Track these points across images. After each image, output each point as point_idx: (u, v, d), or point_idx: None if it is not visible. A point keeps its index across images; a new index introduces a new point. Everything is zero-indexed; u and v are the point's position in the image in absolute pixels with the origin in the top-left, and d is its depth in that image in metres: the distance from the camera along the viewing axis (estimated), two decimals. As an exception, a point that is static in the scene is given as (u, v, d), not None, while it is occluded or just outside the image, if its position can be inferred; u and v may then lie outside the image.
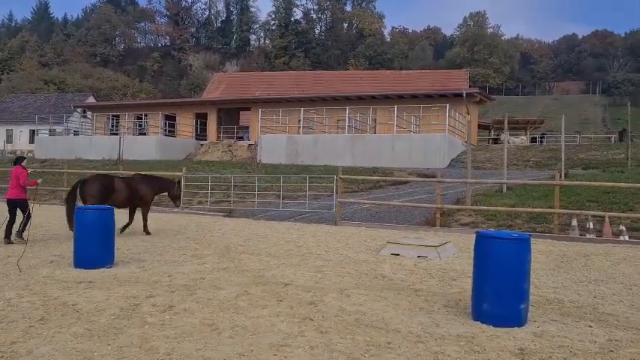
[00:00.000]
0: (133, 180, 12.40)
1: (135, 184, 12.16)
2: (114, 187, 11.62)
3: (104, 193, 11.37)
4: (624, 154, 24.41)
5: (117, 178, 12.23)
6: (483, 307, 5.41)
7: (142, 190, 12.12)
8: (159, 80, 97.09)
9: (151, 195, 12.43)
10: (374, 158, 27.99)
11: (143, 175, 12.97)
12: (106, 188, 11.49)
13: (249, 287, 6.83)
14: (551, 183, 14.51)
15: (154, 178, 12.93)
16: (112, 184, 11.66)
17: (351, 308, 5.91)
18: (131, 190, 11.95)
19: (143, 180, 12.44)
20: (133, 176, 12.90)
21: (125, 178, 12.77)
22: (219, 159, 34.94)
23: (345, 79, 53.18)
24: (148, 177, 12.84)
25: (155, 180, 12.80)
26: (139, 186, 12.15)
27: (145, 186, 12.25)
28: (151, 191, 12.40)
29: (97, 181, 11.63)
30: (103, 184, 11.55)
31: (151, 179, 12.68)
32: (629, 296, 6.83)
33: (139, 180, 12.40)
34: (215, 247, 10.30)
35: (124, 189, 11.80)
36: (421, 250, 9.71)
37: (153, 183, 12.55)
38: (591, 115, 73.90)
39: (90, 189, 11.31)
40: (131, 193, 11.92)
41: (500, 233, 5.51)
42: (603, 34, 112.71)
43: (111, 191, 11.53)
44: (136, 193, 12.02)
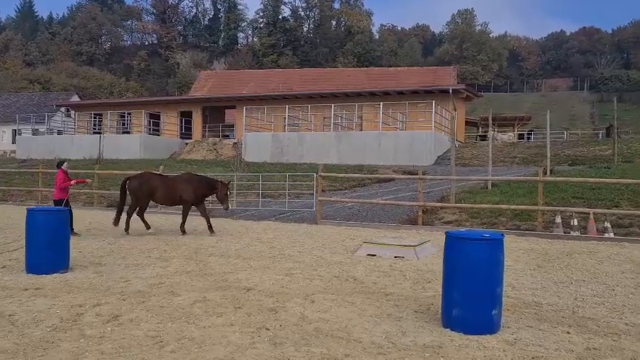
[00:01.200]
0: (177, 179, 12.32)
1: (177, 183, 12.04)
2: (155, 185, 11.81)
3: (145, 191, 11.75)
4: (611, 150, 24.19)
5: (160, 176, 12.48)
6: (453, 314, 5.01)
7: (182, 190, 11.87)
8: (146, 79, 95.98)
9: (191, 195, 11.92)
10: (360, 156, 27.63)
11: (191, 174, 12.84)
12: (146, 186, 11.78)
13: (209, 292, 6.39)
14: (534, 179, 14.18)
15: (199, 178, 12.45)
16: (153, 182, 11.87)
17: (314, 315, 5.49)
18: (172, 188, 11.90)
19: (187, 179, 12.19)
20: (181, 175, 12.86)
21: (170, 177, 12.79)
22: (204, 158, 34.41)
23: (332, 77, 52.77)
24: (194, 177, 12.48)
25: (200, 180, 12.30)
26: (181, 185, 11.95)
27: (187, 185, 11.94)
28: (193, 191, 11.91)
29: (138, 178, 12.09)
30: (143, 181, 11.88)
31: (194, 179, 12.26)
32: (611, 298, 6.47)
33: (182, 179, 12.22)
34: (185, 249, 9.85)
35: (165, 187, 11.89)
36: (398, 250, 9.31)
37: (195, 183, 12.07)
38: (579, 111, 73.94)
39: (131, 186, 11.89)
40: (172, 192, 11.88)
41: (471, 233, 5.11)
42: (591, 31, 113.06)
43: (152, 189, 11.79)
44: (177, 192, 11.87)
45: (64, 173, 11.62)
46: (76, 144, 35.75)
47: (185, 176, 12.54)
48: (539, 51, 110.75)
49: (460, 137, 36.39)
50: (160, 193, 11.88)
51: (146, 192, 11.82)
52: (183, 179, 12.25)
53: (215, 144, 37.04)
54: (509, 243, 11.08)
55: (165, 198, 12.06)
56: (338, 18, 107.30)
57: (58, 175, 11.58)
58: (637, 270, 8.28)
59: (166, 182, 12.11)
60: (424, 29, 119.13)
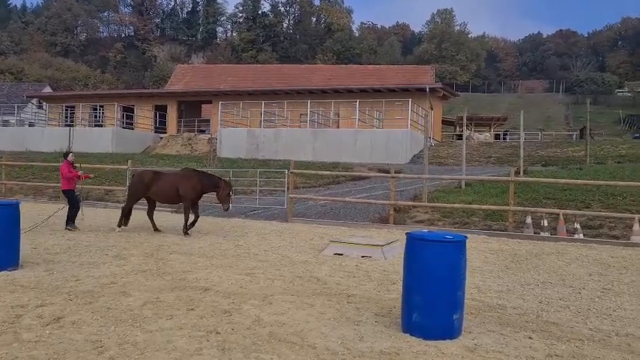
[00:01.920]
0: (176, 175, 11.69)
1: (176, 179, 11.42)
2: (149, 181, 11.37)
3: (140, 187, 11.41)
4: (584, 151, 24.39)
5: (160, 173, 11.93)
6: (413, 318, 4.81)
7: (182, 187, 11.20)
8: (122, 72, 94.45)
9: (191, 192, 11.20)
10: (335, 153, 27.44)
11: (190, 169, 12.05)
12: (142, 182, 11.40)
13: (163, 293, 6.10)
14: (505, 179, 14.14)
15: (199, 175, 11.62)
16: (151, 178, 11.43)
17: (269, 318, 5.24)
18: (171, 185, 11.29)
19: (185, 175, 11.51)
20: (180, 170, 12.24)
21: (169, 173, 12.16)
22: (178, 153, 33.87)
23: (311, 73, 52.46)
24: (193, 173, 11.68)
25: (200, 177, 11.50)
26: (180, 182, 11.27)
27: (187, 182, 11.23)
28: (192, 189, 11.19)
29: (137, 175, 11.95)
30: (141, 178, 11.59)
31: (193, 175, 11.50)
32: (577, 301, 6.35)
33: (181, 176, 11.55)
34: (146, 246, 9.51)
35: (163, 184, 11.35)
36: (366, 250, 9.12)
37: (195, 179, 11.33)
38: (554, 113, 74.96)
39: (132, 182, 11.85)
40: (169, 188, 11.29)
41: (432, 235, 4.92)
42: (567, 34, 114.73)
43: (148, 185, 11.33)
44: (176, 189, 11.22)
45: (70, 164, 11.58)
46: (46, 136, 34.82)
47: (184, 172, 11.87)
48: (517, 52, 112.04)
49: (437, 136, 36.46)
50: (154, 189, 11.31)
51: (140, 188, 11.40)
52: (181, 175, 11.63)
53: (190, 139, 36.50)
54: (480, 243, 11.00)
55: (161, 194, 11.45)
56: (318, 14, 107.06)
57: (63, 166, 11.60)
58: (604, 272, 8.21)
59: (162, 178, 11.52)
60: (404, 28, 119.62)
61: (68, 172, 11.43)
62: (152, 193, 11.42)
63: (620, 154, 25.49)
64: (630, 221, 11.94)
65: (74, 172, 11.59)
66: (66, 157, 11.82)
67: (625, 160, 23.67)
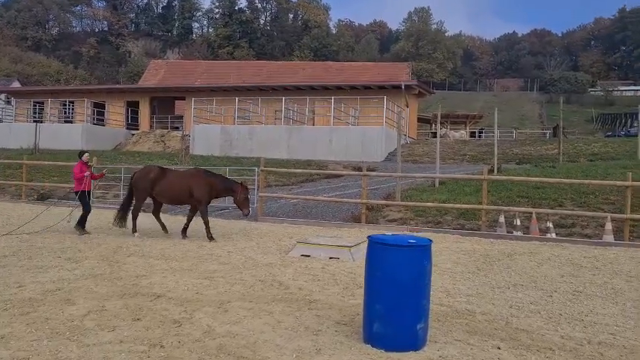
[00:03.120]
0: (187, 175, 10.81)
1: (188, 179, 10.54)
2: (157, 180, 10.50)
3: (146, 185, 10.55)
4: (557, 149, 24.46)
5: (167, 171, 11.00)
6: (374, 328, 4.48)
7: (194, 187, 10.32)
8: (95, 67, 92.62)
9: (206, 194, 10.38)
10: (311, 151, 27.13)
11: (200, 169, 11.13)
12: (146, 179, 10.57)
13: (111, 300, 5.67)
14: (478, 178, 13.95)
15: (215, 176, 10.76)
16: (156, 176, 10.56)
17: (222, 328, 4.87)
18: (181, 185, 10.42)
19: (199, 175, 10.56)
20: (190, 169, 11.43)
21: (179, 172, 11.34)
22: (151, 150, 33.18)
23: (287, 70, 51.97)
24: (204, 173, 10.77)
25: (215, 178, 10.62)
26: (192, 181, 10.41)
27: (202, 184, 10.35)
28: (206, 190, 10.34)
29: (142, 171, 10.98)
30: (146, 175, 10.71)
31: (204, 175, 10.62)
32: (548, 305, 6.10)
33: (194, 175, 10.66)
34: (104, 248, 9.03)
35: (171, 183, 10.48)
36: (333, 251, 8.78)
37: (210, 181, 10.43)
38: (529, 111, 75.72)
39: (134, 179, 10.81)
40: (181, 189, 10.41)
41: (395, 238, 4.60)
42: (541, 34, 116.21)
43: (153, 183, 10.50)
44: (187, 189, 10.36)
45: (83, 164, 10.94)
46: (14, 132, 33.83)
47: (194, 171, 11.01)
48: (492, 51, 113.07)
49: (413, 134, 36.36)
50: (158, 188, 10.46)
51: (145, 185, 10.55)
52: (191, 174, 10.77)
53: (163, 136, 35.80)
54: (452, 243, 10.77)
55: (168, 194, 10.58)
56: (295, 11, 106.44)
57: (76, 166, 11.00)
58: (576, 274, 8.01)
59: (169, 176, 10.64)
60: (381, 26, 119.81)
61: (79, 172, 10.78)
62: (156, 192, 10.57)
63: (592, 152, 25.65)
64: (602, 220, 11.84)
65: (84, 170, 10.86)
66: (81, 156, 11.13)
67: (597, 159, 23.80)
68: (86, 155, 11.21)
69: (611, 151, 25.28)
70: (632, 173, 12.48)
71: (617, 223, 11.93)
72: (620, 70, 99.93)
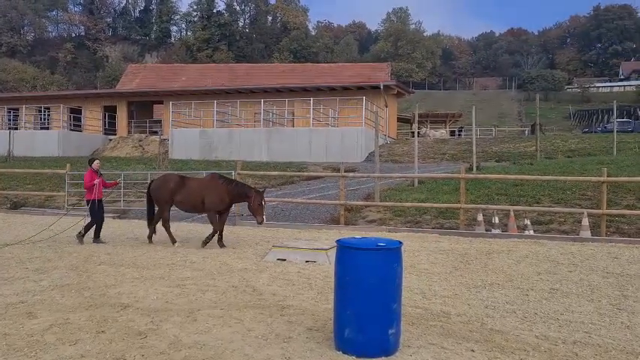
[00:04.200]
0: (202, 183, 10.48)
1: (202, 186, 10.28)
2: (175, 189, 10.32)
3: (166, 195, 10.37)
4: (535, 146, 24.63)
5: (185, 179, 10.73)
6: (345, 334, 4.36)
7: (208, 197, 10.05)
8: (73, 72, 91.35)
9: (218, 204, 10.07)
10: (290, 153, 26.99)
11: (217, 176, 10.60)
12: (167, 188, 10.37)
13: (75, 312, 5.47)
14: (456, 176, 13.95)
15: (229, 182, 10.29)
16: (177, 185, 10.34)
17: (189, 339, 4.71)
18: (196, 194, 10.16)
19: (213, 185, 10.21)
20: (206, 177, 10.98)
21: (197, 180, 11.00)
22: (129, 155, 32.77)
23: (266, 72, 51.74)
24: (219, 180, 10.32)
25: (228, 186, 10.15)
26: (206, 191, 10.12)
27: (214, 193, 10.05)
28: (219, 201, 10.05)
29: (160, 181, 10.78)
30: (165, 183, 10.51)
31: (222, 185, 10.15)
32: (524, 305, 6.04)
33: (208, 184, 10.30)
34: (74, 257, 8.80)
35: (188, 191, 10.27)
36: (310, 254, 8.66)
37: (222, 190, 10.05)
38: (507, 109, 76.40)
39: (152, 188, 10.66)
40: (196, 197, 10.15)
41: (364, 242, 4.48)
42: (518, 32, 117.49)
43: (173, 193, 10.31)
44: (200, 196, 10.11)
45: (94, 173, 10.61)
46: (-14, 140, 33.08)
47: (211, 179, 10.55)
48: (471, 50, 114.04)
49: (392, 134, 36.40)
50: (179, 197, 10.29)
51: (165, 194, 10.34)
52: (207, 183, 10.39)
53: (141, 140, 35.41)
54: (431, 243, 10.72)
55: (186, 203, 10.37)
56: (274, 13, 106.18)
57: (86, 174, 10.66)
58: (553, 271, 7.99)
59: (189, 184, 10.42)
60: (360, 26, 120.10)
61: (89, 180, 10.49)
62: (176, 202, 10.40)
63: (570, 148, 25.88)
64: (579, 216, 11.89)
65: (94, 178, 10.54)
66: (91, 164, 10.74)
67: (575, 155, 24.01)
68: (97, 162, 10.79)
69: (588, 147, 25.53)
70: (607, 169, 12.55)
71: (594, 218, 11.99)
72: (595, 67, 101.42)
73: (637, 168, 16.38)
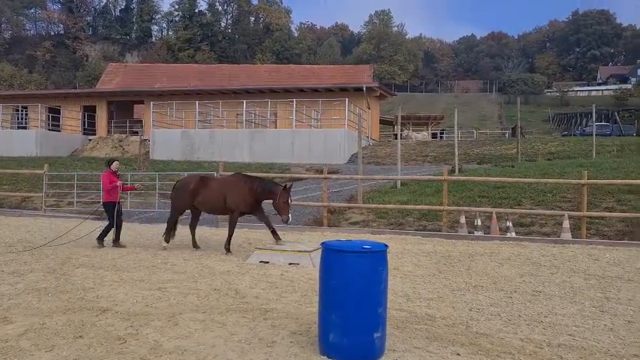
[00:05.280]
0: (224, 182, 9.98)
1: (224, 187, 9.74)
2: (195, 189, 9.82)
3: (185, 196, 9.91)
4: (516, 149, 24.85)
5: (206, 178, 10.26)
6: (330, 338, 4.29)
7: (230, 197, 9.53)
8: (51, 71, 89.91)
9: (241, 205, 9.53)
10: (273, 154, 26.89)
11: (243, 176, 10.02)
12: (186, 190, 9.90)
13: (52, 317, 5.32)
14: (439, 179, 13.99)
15: (250, 180, 9.70)
16: (197, 186, 9.83)
17: (170, 344, 4.60)
18: (218, 194, 9.66)
19: (236, 184, 9.68)
20: (229, 176, 10.41)
21: (219, 179, 10.49)
22: (109, 155, 32.29)
23: (249, 73, 51.51)
24: (247, 179, 9.74)
25: (252, 185, 9.55)
26: (228, 191, 9.61)
27: (236, 192, 9.52)
28: (242, 201, 9.49)
29: (181, 181, 10.40)
30: (185, 184, 10.07)
31: (246, 183, 9.59)
32: (508, 307, 6.04)
33: (230, 183, 9.79)
34: (51, 259, 8.60)
35: (209, 191, 9.76)
36: (293, 257, 8.58)
37: (245, 189, 9.49)
38: (488, 112, 77.13)
39: (174, 190, 10.26)
40: (218, 198, 9.65)
41: (349, 244, 4.43)
42: (499, 36, 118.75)
43: (193, 193, 9.82)
44: (222, 197, 9.60)
45: (112, 174, 10.23)
46: (-39, 140, 32.39)
47: (234, 178, 10.02)
48: (452, 53, 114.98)
49: (375, 136, 36.48)
50: (200, 198, 9.79)
51: (185, 197, 9.88)
52: (230, 182, 9.86)
53: (121, 141, 34.98)
54: (414, 245, 10.70)
55: (208, 204, 9.87)
56: (256, 14, 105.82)
57: (104, 175, 10.23)
58: (535, 273, 8.02)
59: (210, 184, 9.92)
60: (343, 28, 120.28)
61: (108, 182, 10.07)
62: (198, 202, 9.90)
63: (549, 151, 26.16)
64: (560, 218, 11.98)
65: (115, 181, 10.15)
66: (109, 165, 10.38)
67: (554, 157, 24.28)
68: (115, 164, 10.41)
69: (568, 150, 25.84)
70: (587, 171, 12.68)
71: (575, 220, 12.10)
72: (574, 71, 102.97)
73: (616, 171, 16.60)
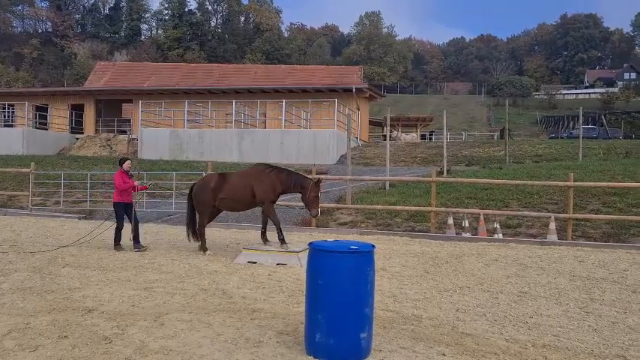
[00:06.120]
0: (247, 174, 9.50)
1: (249, 178, 9.25)
2: (216, 187, 9.34)
3: (207, 197, 9.41)
4: (504, 151, 25.02)
5: (225, 174, 9.79)
6: (316, 338, 4.30)
7: (258, 187, 9.05)
8: (39, 69, 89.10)
9: (269, 190, 9.04)
10: (262, 154, 26.83)
11: (265, 165, 9.56)
12: (207, 190, 9.40)
13: (37, 317, 5.28)
14: (427, 180, 14.05)
15: (278, 172, 9.23)
16: (217, 183, 9.36)
17: (156, 344, 4.58)
18: (243, 187, 9.16)
19: (261, 172, 9.23)
20: (253, 167, 9.86)
21: (238, 173, 10.01)
22: (96, 154, 32.09)
23: (238, 73, 51.37)
24: (271, 169, 9.30)
25: (279, 174, 9.15)
26: (255, 180, 9.13)
27: (264, 180, 9.05)
28: (269, 185, 9.03)
29: (199, 182, 9.88)
30: (205, 185, 9.55)
31: (271, 172, 9.17)
32: (494, 308, 6.08)
33: (255, 173, 9.33)
34: (37, 259, 8.52)
35: (234, 187, 9.26)
36: (281, 257, 8.58)
37: (272, 177, 9.06)
38: (477, 114, 77.56)
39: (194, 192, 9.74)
40: (244, 192, 9.16)
41: (337, 245, 4.44)
42: (488, 39, 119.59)
43: (214, 193, 9.34)
44: (250, 190, 9.10)
45: (124, 174, 9.85)
46: (-54, 138, 32.01)
47: (257, 168, 9.57)
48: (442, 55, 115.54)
49: (364, 137, 36.55)
50: (223, 195, 9.29)
51: (206, 197, 9.41)
52: (254, 172, 9.37)
53: (109, 140, 34.72)
54: (402, 246, 10.74)
55: (232, 201, 9.36)
56: (246, 14, 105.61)
57: (117, 175, 9.82)
58: (522, 274, 8.08)
59: (231, 180, 9.40)
60: (333, 29, 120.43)
61: (122, 182, 9.68)
62: (220, 200, 9.38)
63: (537, 153, 26.36)
64: (547, 220, 12.08)
65: (129, 182, 9.81)
66: (121, 164, 10.01)
67: (542, 160, 24.47)
68: (128, 163, 10.02)
69: (555, 153, 26.05)
70: (573, 174, 12.80)
71: (561, 222, 12.20)
72: (562, 74, 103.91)
73: (602, 173, 16.76)
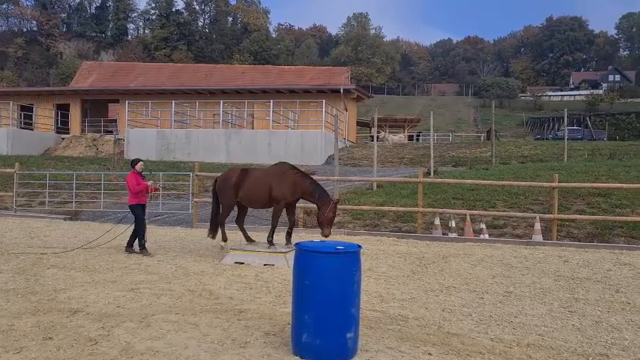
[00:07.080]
0: (268, 172, 9.31)
1: (269, 174, 9.12)
2: (238, 182, 9.18)
3: (229, 191, 9.24)
4: (490, 152, 25.20)
5: (248, 170, 9.62)
6: (303, 338, 4.31)
7: (276, 186, 8.84)
8: (24, 68, 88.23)
9: (287, 191, 8.82)
10: (250, 154, 26.81)
11: (289, 166, 9.16)
12: (229, 184, 9.24)
13: (22, 318, 5.23)
14: (414, 180, 14.11)
15: (304, 176, 9.01)
16: (239, 178, 9.21)
17: (142, 345, 4.56)
18: (263, 184, 8.98)
19: (281, 171, 8.99)
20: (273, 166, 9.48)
21: (263, 170, 9.82)
22: (82, 154, 31.84)
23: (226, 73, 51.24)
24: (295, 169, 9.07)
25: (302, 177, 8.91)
26: (273, 178, 8.95)
27: (283, 180, 8.83)
28: (288, 186, 8.80)
29: (223, 175, 9.81)
30: (227, 179, 9.41)
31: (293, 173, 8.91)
32: (479, 308, 6.13)
33: (275, 171, 9.12)
34: (22, 260, 8.44)
35: (254, 184, 9.09)
36: (268, 257, 8.58)
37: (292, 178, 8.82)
38: (464, 115, 78.03)
39: (217, 186, 9.57)
40: (262, 187, 8.97)
41: (323, 245, 4.46)
42: (475, 40, 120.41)
43: (237, 187, 9.16)
44: (267, 186, 8.91)
45: (137, 175, 9.66)
46: None
47: (276, 167, 9.33)
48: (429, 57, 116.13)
49: (352, 137, 36.63)
50: (243, 192, 9.15)
51: (229, 192, 9.25)
52: (275, 171, 9.16)
53: (95, 140, 34.46)
54: (389, 246, 10.78)
55: (251, 197, 9.21)
56: (234, 14, 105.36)
57: (130, 177, 9.64)
58: (507, 274, 8.15)
59: (253, 176, 9.28)
60: (321, 30, 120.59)
61: (136, 184, 9.49)
62: (241, 196, 9.25)
63: (523, 154, 26.58)
64: (532, 220, 12.19)
65: (143, 183, 9.63)
66: (133, 165, 9.79)
67: (527, 161, 24.68)
68: (140, 164, 9.83)
69: (540, 154, 26.28)
70: (558, 175, 12.93)
71: (546, 222, 12.32)
72: (547, 76, 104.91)
73: (587, 174, 16.94)
